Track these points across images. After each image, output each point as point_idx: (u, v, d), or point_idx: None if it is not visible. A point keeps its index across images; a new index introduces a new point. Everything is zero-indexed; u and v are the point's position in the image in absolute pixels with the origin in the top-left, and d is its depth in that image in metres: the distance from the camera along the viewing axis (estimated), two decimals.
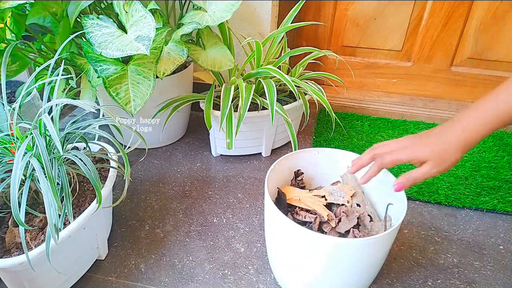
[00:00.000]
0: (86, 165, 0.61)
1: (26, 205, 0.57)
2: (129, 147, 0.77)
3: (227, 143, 0.94)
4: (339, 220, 0.66)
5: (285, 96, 1.13)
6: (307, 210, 0.70)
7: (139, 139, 0.77)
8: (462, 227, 0.88)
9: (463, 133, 0.53)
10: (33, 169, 0.58)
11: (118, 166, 0.75)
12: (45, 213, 0.56)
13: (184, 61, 0.91)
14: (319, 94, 1.01)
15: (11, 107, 0.67)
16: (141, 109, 0.84)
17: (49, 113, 0.64)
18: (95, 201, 0.67)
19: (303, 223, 0.69)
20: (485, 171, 1.04)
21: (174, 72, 0.93)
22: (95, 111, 0.71)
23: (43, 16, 0.85)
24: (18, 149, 0.57)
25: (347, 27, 1.33)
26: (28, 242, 0.65)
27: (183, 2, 1.09)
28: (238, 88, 0.94)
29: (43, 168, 0.57)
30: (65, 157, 0.65)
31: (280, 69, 0.99)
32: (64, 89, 0.85)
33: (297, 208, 0.70)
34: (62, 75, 0.68)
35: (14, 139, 0.64)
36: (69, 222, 0.64)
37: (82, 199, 0.74)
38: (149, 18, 0.78)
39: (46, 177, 0.56)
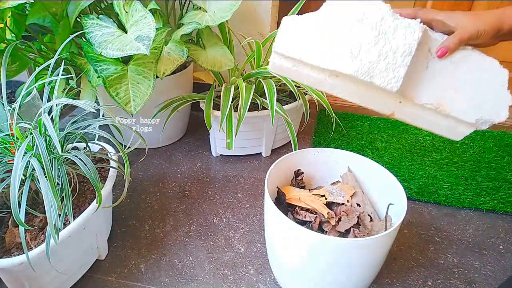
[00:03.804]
0: (86, 165, 0.61)
1: (26, 205, 0.57)
2: (129, 147, 0.77)
3: (227, 143, 0.94)
4: (339, 219, 0.66)
5: (285, 96, 1.13)
6: (307, 210, 0.70)
7: (139, 139, 0.77)
8: (462, 227, 0.88)
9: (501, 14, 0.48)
10: (33, 169, 0.58)
11: (118, 166, 0.75)
12: (45, 213, 0.56)
13: (184, 61, 0.91)
14: (319, 94, 1.01)
15: (11, 107, 0.67)
16: (141, 109, 0.84)
17: (49, 113, 0.64)
18: (95, 201, 0.67)
19: (303, 223, 0.69)
20: (485, 171, 1.04)
21: (174, 72, 0.93)
22: (95, 111, 0.71)
23: (43, 16, 0.85)
24: (18, 149, 0.57)
25: None
26: (28, 242, 0.65)
27: (183, 2, 1.09)
28: (238, 88, 0.94)
29: (43, 168, 0.56)
30: (65, 157, 0.65)
31: None
32: (64, 89, 0.85)
33: (297, 207, 0.70)
34: (62, 75, 0.68)
35: (14, 139, 0.64)
36: (69, 222, 0.64)
37: (82, 199, 0.74)
38: (149, 18, 0.78)
39: (46, 177, 0.56)
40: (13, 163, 0.55)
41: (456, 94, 0.51)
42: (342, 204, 0.69)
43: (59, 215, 0.57)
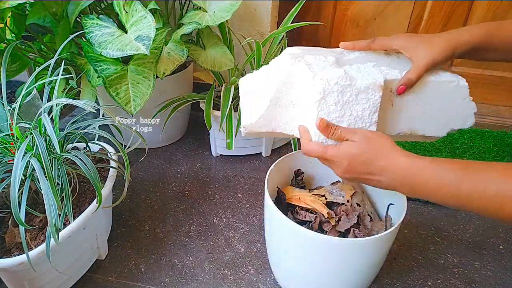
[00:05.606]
0: (86, 165, 0.61)
1: (26, 205, 0.57)
2: (129, 147, 0.77)
3: (227, 143, 0.94)
4: (339, 219, 0.66)
5: None
6: (307, 210, 0.70)
7: (139, 139, 0.77)
8: (462, 227, 0.88)
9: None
10: (33, 169, 0.58)
11: (118, 166, 0.75)
12: (45, 213, 0.56)
13: (184, 61, 0.91)
14: None
15: (11, 107, 0.67)
16: (141, 109, 0.84)
17: (49, 113, 0.64)
18: (95, 201, 0.67)
19: (303, 223, 0.69)
20: None
21: (174, 72, 0.93)
22: (95, 111, 0.71)
23: (43, 16, 0.85)
24: (18, 149, 0.57)
25: (347, 27, 1.33)
26: (28, 242, 0.65)
27: (183, 2, 1.09)
28: (238, 88, 0.94)
29: (43, 168, 0.57)
30: (65, 157, 0.65)
31: None
32: (64, 89, 0.85)
33: (297, 207, 0.70)
34: (62, 75, 0.68)
35: (14, 139, 0.64)
36: (69, 222, 0.64)
37: (82, 199, 0.74)
38: (149, 18, 0.77)
39: (46, 177, 0.56)
40: (13, 163, 0.55)
41: (425, 118, 0.56)
42: (342, 204, 0.69)
43: (59, 215, 0.57)
